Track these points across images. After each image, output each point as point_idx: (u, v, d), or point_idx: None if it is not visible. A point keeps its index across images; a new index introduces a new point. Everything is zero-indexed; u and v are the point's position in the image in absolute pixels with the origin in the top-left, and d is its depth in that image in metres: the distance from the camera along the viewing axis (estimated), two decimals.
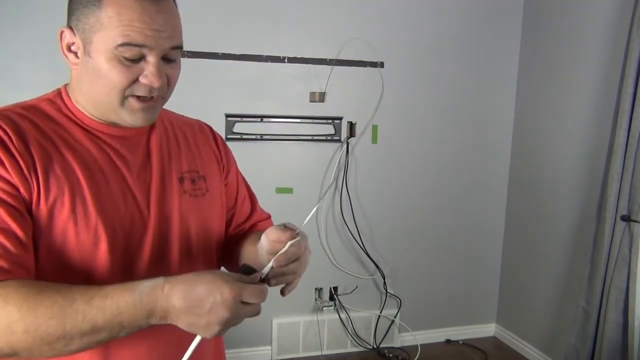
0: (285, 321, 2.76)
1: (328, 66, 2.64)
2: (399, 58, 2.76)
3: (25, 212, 0.73)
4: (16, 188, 0.72)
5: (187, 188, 0.90)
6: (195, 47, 2.43)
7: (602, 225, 2.25)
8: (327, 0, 2.63)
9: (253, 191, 1.10)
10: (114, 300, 0.67)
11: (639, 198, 2.10)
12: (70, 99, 0.84)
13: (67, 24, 0.80)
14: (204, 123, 1.04)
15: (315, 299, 2.82)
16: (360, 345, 2.89)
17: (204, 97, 2.47)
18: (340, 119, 2.71)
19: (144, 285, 0.68)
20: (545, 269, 2.75)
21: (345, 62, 2.67)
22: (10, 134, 0.74)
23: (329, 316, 2.83)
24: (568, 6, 2.60)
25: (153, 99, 0.80)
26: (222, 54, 2.50)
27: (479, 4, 2.86)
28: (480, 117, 2.96)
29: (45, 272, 0.75)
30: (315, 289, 2.81)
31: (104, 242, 0.77)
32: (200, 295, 0.67)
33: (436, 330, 3.05)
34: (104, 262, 0.78)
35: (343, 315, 2.84)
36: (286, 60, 2.59)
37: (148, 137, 0.89)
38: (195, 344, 0.72)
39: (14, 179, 0.72)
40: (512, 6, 2.92)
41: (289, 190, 2.67)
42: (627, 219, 2.16)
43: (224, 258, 1.01)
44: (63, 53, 0.80)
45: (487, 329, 3.17)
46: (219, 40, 2.49)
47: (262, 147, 2.62)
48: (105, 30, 0.74)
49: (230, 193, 1.02)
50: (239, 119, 2.56)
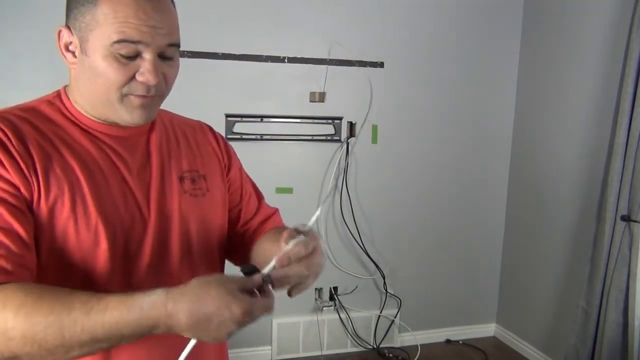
0: (285, 321, 2.76)
1: (328, 66, 2.64)
2: (399, 58, 2.76)
3: (27, 212, 0.73)
4: (17, 188, 0.72)
5: (187, 187, 0.90)
6: (195, 47, 2.43)
7: (602, 225, 2.25)
8: (327, 0, 2.63)
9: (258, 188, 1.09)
10: (113, 316, 0.65)
11: (639, 198, 2.10)
12: (70, 100, 0.84)
13: (65, 24, 0.80)
14: (204, 123, 1.03)
15: (315, 299, 2.82)
16: (360, 345, 2.89)
17: (204, 97, 2.47)
18: (340, 119, 2.71)
19: (145, 301, 0.66)
20: (545, 269, 2.75)
21: (345, 62, 2.67)
22: (10, 135, 0.74)
23: (329, 316, 2.83)
24: (568, 7, 2.60)
25: (151, 97, 0.80)
26: (222, 54, 2.50)
27: (479, 4, 2.86)
28: (480, 117, 2.96)
29: (46, 272, 0.75)
30: (315, 289, 2.81)
31: (104, 241, 0.77)
32: (208, 314, 0.65)
33: (436, 330, 3.05)
34: (104, 261, 0.78)
35: (343, 315, 2.84)
36: (286, 60, 2.59)
37: (148, 137, 0.89)
38: (190, 347, 0.71)
39: (15, 179, 0.72)
40: (512, 6, 2.92)
41: (289, 190, 2.67)
42: (627, 219, 2.16)
43: (235, 256, 1.00)
44: (61, 53, 0.80)
45: (487, 329, 3.17)
46: (219, 40, 2.49)
47: (262, 147, 2.62)
48: (101, 27, 0.74)
49: (234, 189, 1.01)
50: (239, 119, 2.56)
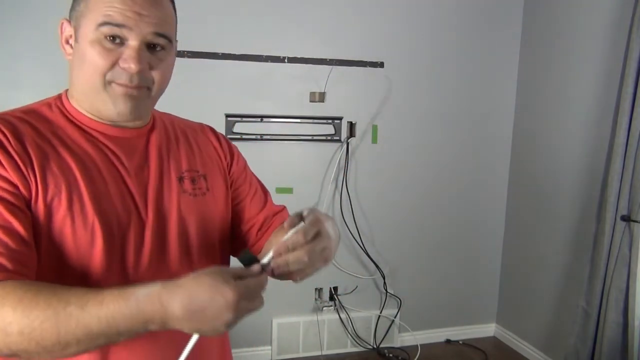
0: (285, 321, 2.76)
1: (328, 66, 2.64)
2: (399, 58, 2.76)
3: (26, 210, 0.73)
4: (16, 186, 0.73)
5: (186, 187, 0.89)
6: (195, 47, 2.43)
7: (602, 225, 2.25)
8: (327, 0, 2.63)
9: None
10: (109, 309, 0.65)
11: (639, 198, 2.10)
12: (69, 101, 0.84)
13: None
14: (205, 125, 1.03)
15: (315, 299, 2.82)
16: (360, 345, 2.89)
17: (204, 97, 2.47)
18: (340, 119, 2.71)
19: (140, 293, 0.66)
20: (545, 269, 2.75)
21: (345, 62, 2.67)
22: (8, 135, 0.75)
23: (329, 316, 2.83)
24: (568, 7, 2.60)
25: (136, 88, 0.79)
26: (222, 54, 2.50)
27: (479, 4, 2.86)
28: (480, 117, 2.96)
29: (43, 271, 0.75)
30: (315, 289, 2.81)
31: (100, 241, 0.77)
32: (202, 303, 0.65)
33: (436, 330, 3.05)
34: (101, 261, 0.78)
35: (343, 315, 2.84)
36: (286, 60, 2.59)
37: (147, 138, 0.89)
38: (192, 342, 0.71)
39: (13, 177, 0.73)
40: (512, 6, 2.92)
41: (289, 190, 2.67)
42: (627, 219, 2.16)
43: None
44: (62, 46, 0.82)
45: (487, 329, 3.17)
46: (219, 40, 2.49)
47: (262, 147, 2.62)
48: (91, 12, 0.77)
49: (238, 185, 1.00)
50: (239, 119, 2.56)
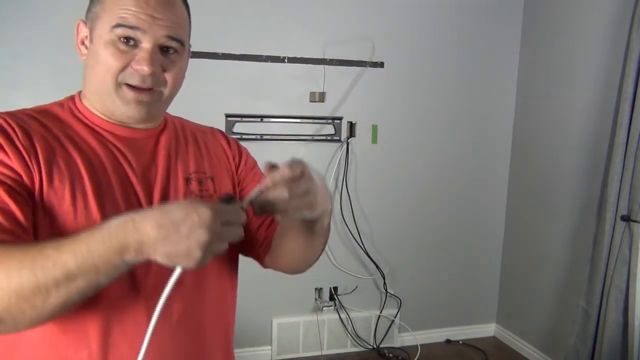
0: (285, 321, 2.76)
1: (328, 66, 2.64)
2: (399, 58, 2.76)
3: (27, 198, 0.73)
4: (18, 174, 0.73)
5: (193, 189, 0.89)
6: (195, 47, 2.39)
7: (602, 225, 2.25)
8: (327, 0, 2.63)
9: None
10: (83, 242, 0.63)
11: (639, 198, 2.10)
12: (82, 101, 0.85)
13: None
14: (216, 128, 1.04)
15: (315, 299, 2.82)
16: (360, 345, 2.89)
17: (204, 97, 2.47)
18: (340, 119, 2.71)
19: (114, 221, 0.64)
20: (545, 268, 2.75)
21: (346, 62, 2.67)
22: (15, 128, 0.76)
23: (329, 316, 2.82)
24: (568, 7, 2.60)
25: (148, 91, 0.80)
26: (222, 54, 2.50)
27: (479, 4, 2.86)
28: (480, 117, 2.96)
29: None
30: (315, 289, 2.81)
31: None
32: (176, 219, 0.62)
33: (436, 330, 3.05)
34: None
35: (343, 315, 2.84)
36: (286, 60, 2.59)
37: (157, 139, 0.89)
38: (175, 276, 0.67)
39: (17, 166, 0.73)
40: (512, 6, 2.92)
41: None
42: (627, 219, 2.16)
43: (258, 250, 0.97)
44: (77, 47, 0.84)
45: (487, 329, 3.17)
46: (219, 40, 2.49)
47: (262, 147, 2.61)
48: (106, 14, 0.78)
49: (246, 183, 0.99)
50: (239, 119, 2.56)
